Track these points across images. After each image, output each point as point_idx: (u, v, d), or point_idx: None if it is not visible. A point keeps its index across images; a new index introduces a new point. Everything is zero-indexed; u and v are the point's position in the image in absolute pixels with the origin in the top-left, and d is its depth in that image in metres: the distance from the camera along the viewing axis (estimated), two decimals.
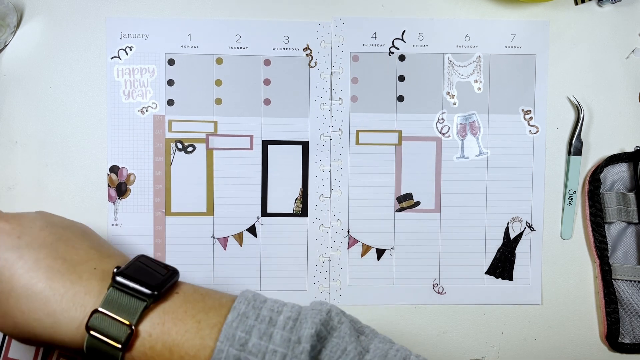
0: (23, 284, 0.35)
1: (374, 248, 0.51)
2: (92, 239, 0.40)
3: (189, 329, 0.35)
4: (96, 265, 0.37)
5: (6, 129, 0.49)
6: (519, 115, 0.51)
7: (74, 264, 0.36)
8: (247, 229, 0.50)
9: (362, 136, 0.51)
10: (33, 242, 0.37)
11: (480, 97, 0.51)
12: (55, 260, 0.36)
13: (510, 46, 0.51)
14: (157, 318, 0.35)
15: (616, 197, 0.51)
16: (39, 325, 0.35)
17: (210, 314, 0.36)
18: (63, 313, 0.34)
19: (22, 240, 0.36)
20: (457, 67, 0.51)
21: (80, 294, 0.35)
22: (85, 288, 0.35)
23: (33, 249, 0.36)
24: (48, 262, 0.36)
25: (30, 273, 0.35)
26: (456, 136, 0.51)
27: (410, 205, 0.51)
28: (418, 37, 0.51)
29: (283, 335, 0.34)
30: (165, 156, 0.50)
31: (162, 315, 0.35)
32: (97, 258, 0.38)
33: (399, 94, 0.51)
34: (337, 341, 0.35)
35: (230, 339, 0.34)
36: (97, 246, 0.39)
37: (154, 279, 0.36)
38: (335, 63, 0.51)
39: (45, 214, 0.40)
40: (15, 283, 0.35)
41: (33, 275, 0.35)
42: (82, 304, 0.35)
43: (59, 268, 0.36)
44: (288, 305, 0.36)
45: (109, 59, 0.49)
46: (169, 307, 0.36)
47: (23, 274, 0.35)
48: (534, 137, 0.51)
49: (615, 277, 0.50)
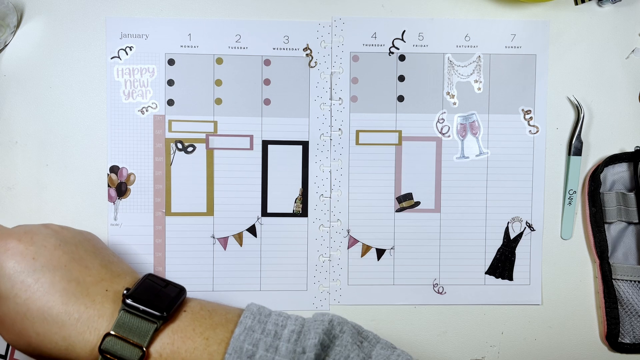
0: (39, 307, 0.36)
1: (374, 248, 0.51)
2: (103, 255, 0.41)
3: (197, 347, 0.36)
4: (108, 286, 0.38)
5: (6, 129, 0.49)
6: (519, 115, 0.51)
7: (87, 286, 0.38)
8: (247, 229, 0.50)
9: (362, 136, 0.51)
10: (48, 263, 0.37)
11: (480, 97, 0.51)
12: (70, 282, 0.37)
13: (510, 46, 0.51)
14: (167, 338, 0.36)
15: (616, 197, 0.51)
16: (53, 347, 0.36)
17: (218, 330, 0.37)
18: (77, 336, 0.36)
19: (38, 262, 0.37)
20: (457, 67, 0.51)
21: (94, 317, 0.36)
22: (98, 312, 0.36)
23: (49, 271, 0.37)
24: (63, 285, 0.37)
25: (46, 296, 0.36)
26: (456, 136, 0.51)
27: (410, 205, 0.51)
28: (418, 37, 0.51)
29: (288, 347, 0.35)
30: (165, 156, 0.50)
31: (172, 335, 0.37)
32: (108, 278, 0.39)
33: (399, 94, 0.51)
34: (339, 349, 0.37)
35: (238, 351, 0.35)
36: (107, 264, 0.40)
37: (163, 300, 0.38)
38: (335, 63, 0.51)
39: (55, 228, 0.41)
40: (31, 305, 0.36)
41: (49, 298, 0.36)
42: (95, 328, 0.36)
43: (74, 291, 0.37)
44: (292, 318, 0.38)
45: (109, 59, 0.49)
46: (178, 327, 0.37)
47: (40, 297, 0.36)
48: (534, 137, 0.51)
49: (615, 277, 0.50)
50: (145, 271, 0.49)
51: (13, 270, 0.37)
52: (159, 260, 0.50)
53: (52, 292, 0.36)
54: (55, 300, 0.36)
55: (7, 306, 0.37)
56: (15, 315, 0.36)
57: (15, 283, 0.36)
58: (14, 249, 0.38)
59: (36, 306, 0.36)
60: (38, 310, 0.36)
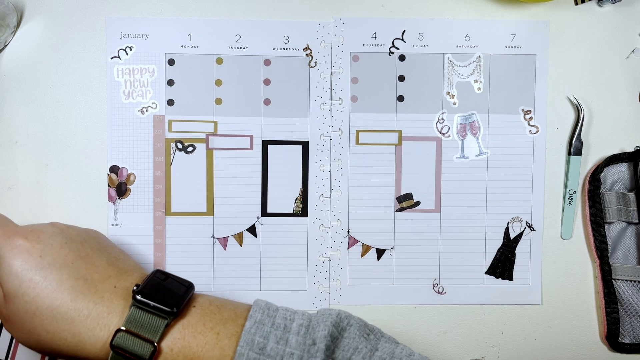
0: (48, 305, 0.36)
1: (374, 248, 0.51)
2: (109, 252, 0.41)
3: (208, 341, 0.37)
4: (115, 283, 0.39)
5: (6, 129, 0.49)
6: (519, 115, 0.51)
7: (95, 283, 0.38)
8: (247, 229, 0.50)
9: (362, 136, 0.51)
10: (55, 261, 0.38)
11: (480, 97, 0.51)
12: (77, 280, 0.37)
13: (510, 46, 0.51)
14: (178, 333, 0.37)
15: (616, 197, 0.51)
16: (63, 344, 0.36)
17: (228, 324, 0.38)
18: (87, 333, 0.36)
19: (45, 260, 0.38)
20: (457, 67, 0.51)
21: (103, 314, 0.37)
22: (107, 308, 0.37)
23: (56, 269, 0.37)
24: (71, 283, 0.37)
25: (55, 294, 0.36)
26: (456, 136, 0.51)
27: (410, 205, 0.51)
28: (418, 37, 0.51)
29: (298, 340, 0.36)
30: (165, 156, 0.50)
31: (182, 330, 0.37)
32: (115, 275, 0.39)
33: (399, 94, 0.51)
34: (348, 341, 0.37)
35: (250, 344, 0.36)
36: (114, 261, 0.41)
37: (173, 296, 0.38)
38: (336, 63, 0.50)
39: (61, 227, 0.41)
40: (40, 303, 0.36)
41: (58, 296, 0.36)
42: (105, 324, 0.36)
43: (81, 288, 0.37)
44: (299, 313, 0.39)
45: (108, 59, 0.49)
46: (188, 322, 0.38)
47: (48, 295, 0.36)
48: (534, 137, 0.51)
49: (615, 277, 0.50)
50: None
51: (21, 268, 0.37)
52: (159, 260, 0.50)
53: (60, 289, 0.37)
54: (63, 297, 0.36)
55: (15, 304, 0.37)
56: (25, 313, 0.37)
57: (23, 281, 0.37)
58: (20, 247, 0.38)
59: (45, 304, 0.36)
60: (47, 308, 0.36)
